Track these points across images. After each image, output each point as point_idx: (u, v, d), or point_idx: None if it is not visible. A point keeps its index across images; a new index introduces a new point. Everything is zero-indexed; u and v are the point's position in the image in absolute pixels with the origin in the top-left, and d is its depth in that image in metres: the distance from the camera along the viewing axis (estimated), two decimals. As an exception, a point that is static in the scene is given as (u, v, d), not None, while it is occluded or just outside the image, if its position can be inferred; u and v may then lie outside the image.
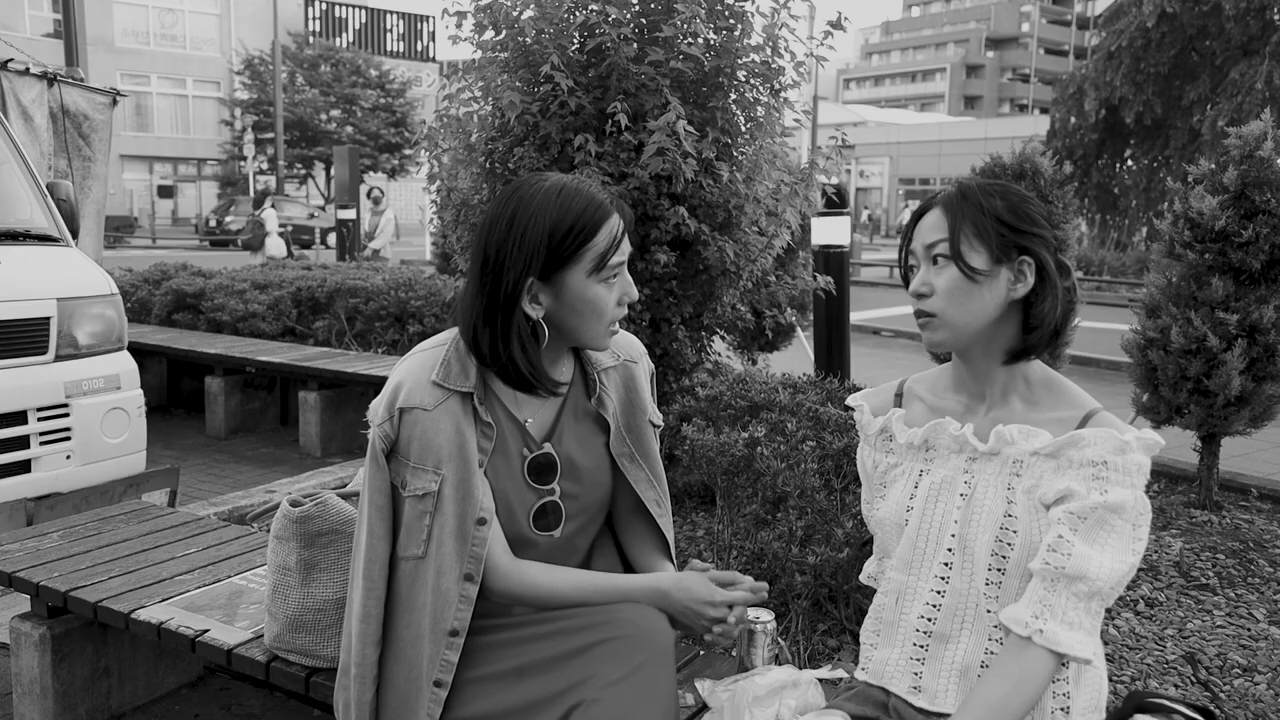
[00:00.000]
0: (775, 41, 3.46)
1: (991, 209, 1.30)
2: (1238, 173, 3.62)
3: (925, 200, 1.39)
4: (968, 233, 1.29)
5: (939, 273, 1.31)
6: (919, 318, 1.35)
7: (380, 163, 29.92)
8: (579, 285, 1.38)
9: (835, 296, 4.29)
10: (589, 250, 1.37)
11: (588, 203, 1.38)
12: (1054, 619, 1.21)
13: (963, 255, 1.28)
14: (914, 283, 1.34)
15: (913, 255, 1.36)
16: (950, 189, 1.35)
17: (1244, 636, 2.85)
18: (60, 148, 5.71)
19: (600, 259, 1.37)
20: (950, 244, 1.29)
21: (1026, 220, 1.30)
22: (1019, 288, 1.30)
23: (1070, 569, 1.21)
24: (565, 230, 1.35)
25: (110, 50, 28.96)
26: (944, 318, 1.31)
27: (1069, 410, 1.31)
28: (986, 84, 74.97)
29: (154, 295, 6.76)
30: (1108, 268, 17.23)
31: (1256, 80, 14.10)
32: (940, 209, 1.33)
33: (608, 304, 1.40)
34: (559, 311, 1.40)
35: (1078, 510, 1.23)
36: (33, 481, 3.42)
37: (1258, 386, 3.71)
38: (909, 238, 1.37)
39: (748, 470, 2.61)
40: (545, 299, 1.39)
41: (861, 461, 1.53)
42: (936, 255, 1.31)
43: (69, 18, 7.97)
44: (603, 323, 1.41)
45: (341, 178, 13.86)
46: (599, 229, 1.37)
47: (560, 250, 1.36)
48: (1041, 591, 1.22)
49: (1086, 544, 1.21)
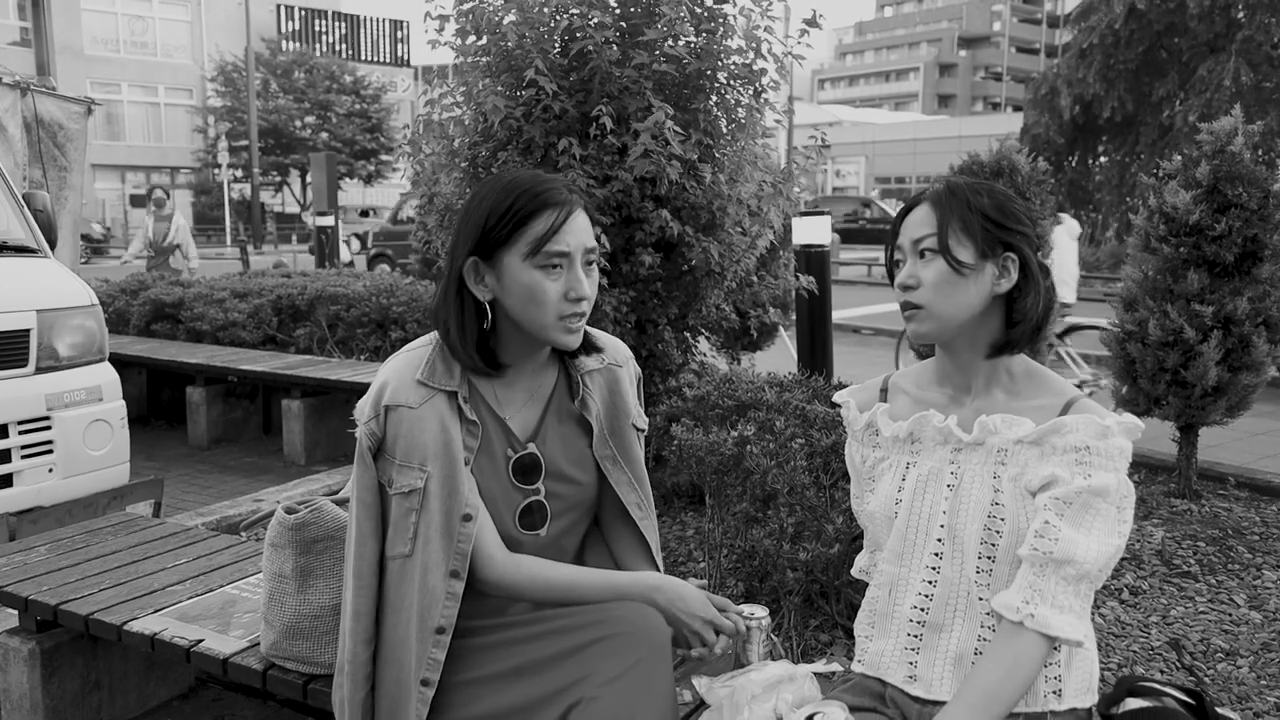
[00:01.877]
0: (756, 44, 3.48)
1: (978, 205, 1.33)
2: (1210, 168, 3.68)
3: (912, 197, 1.41)
4: (955, 228, 1.32)
5: (926, 266, 1.33)
6: (905, 310, 1.37)
7: (356, 169, 29.74)
8: (515, 268, 1.39)
9: (817, 295, 4.32)
10: (525, 232, 1.38)
11: (530, 188, 1.40)
12: (1044, 603, 1.23)
13: (950, 249, 1.31)
14: (900, 275, 1.36)
15: (899, 250, 1.38)
16: (938, 186, 1.37)
17: (1226, 621, 2.90)
18: (35, 158, 5.65)
19: (536, 243, 1.38)
20: (939, 238, 1.32)
21: (1012, 218, 1.33)
22: (1003, 283, 1.33)
23: (1058, 553, 1.23)
24: (503, 210, 1.39)
25: (79, 58, 28.60)
26: (930, 309, 1.33)
27: (1051, 398, 1.34)
28: (959, 83, 75.60)
29: (132, 305, 6.68)
30: (1082, 262, 17.41)
31: (1224, 77, 14.29)
32: (929, 205, 1.35)
33: (547, 292, 1.39)
34: (504, 296, 1.42)
35: (1063, 495, 1.25)
36: (14, 496, 3.38)
37: (1233, 377, 3.77)
38: (895, 233, 1.40)
39: (737, 469, 2.62)
40: (490, 281, 1.42)
41: (849, 457, 1.55)
42: (924, 249, 1.34)
43: (39, 25, 7.85)
44: (546, 313, 1.41)
45: (319, 184, 13.78)
46: (538, 213, 1.39)
47: (497, 229, 1.39)
48: (1031, 577, 1.25)
49: (1073, 528, 1.24)
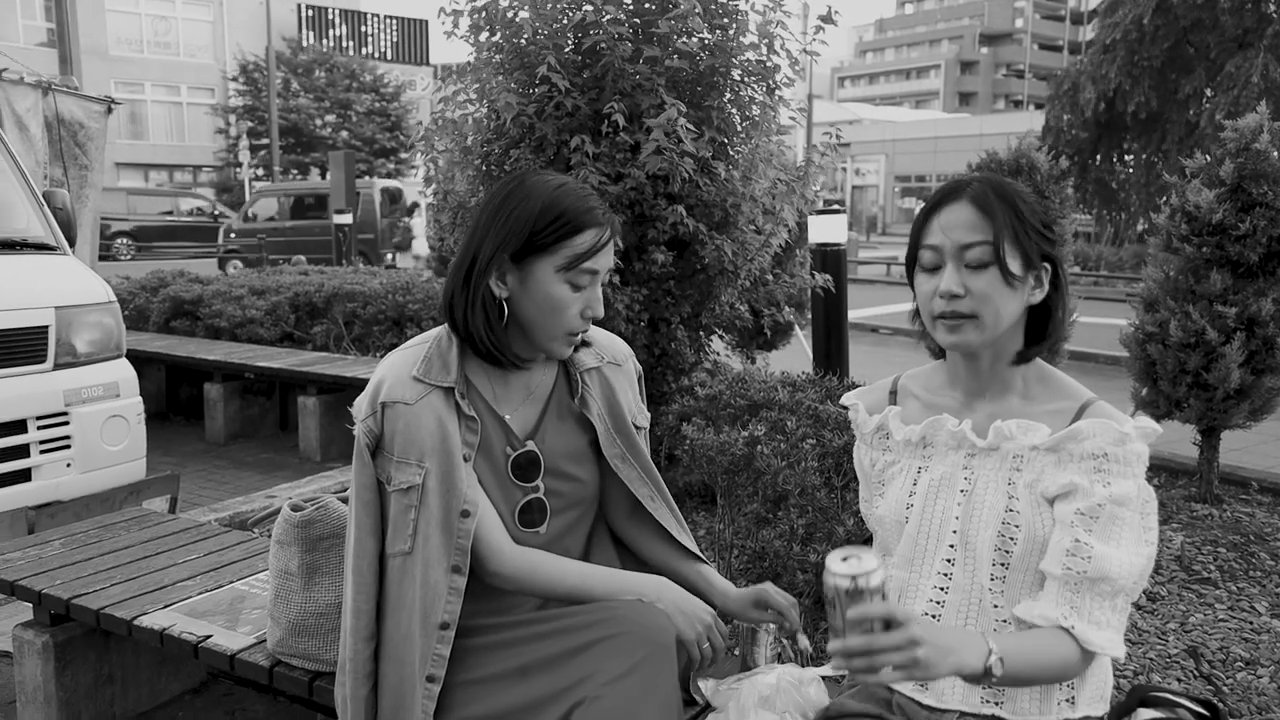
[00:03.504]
0: (771, 40, 3.46)
1: (1029, 213, 1.27)
2: (1234, 166, 3.62)
3: (944, 190, 1.31)
4: (1008, 237, 1.26)
5: (975, 275, 1.26)
6: (948, 319, 1.28)
7: (375, 167, 29.89)
8: (546, 277, 1.40)
9: (833, 294, 4.29)
10: (567, 246, 1.39)
11: (582, 202, 1.41)
12: (1082, 619, 1.21)
13: (1005, 260, 1.25)
14: (945, 282, 1.27)
15: (935, 251, 1.29)
16: (977, 184, 1.29)
17: (1246, 630, 2.85)
18: (55, 156, 5.71)
19: (574, 259, 1.39)
20: (994, 248, 1.25)
21: (1050, 227, 1.30)
22: (1036, 293, 1.30)
23: (1092, 571, 1.21)
24: (552, 218, 1.38)
25: (104, 58, 28.89)
26: (983, 320, 1.27)
27: (1065, 402, 1.31)
28: (981, 80, 75.00)
29: (152, 302, 6.75)
30: (1105, 262, 17.24)
31: (1252, 73, 14.10)
32: (973, 207, 1.27)
33: (568, 307, 1.41)
34: (521, 299, 1.42)
35: (1087, 509, 1.23)
36: (33, 490, 3.41)
37: (1257, 379, 3.71)
38: (923, 228, 1.31)
39: (748, 469, 2.60)
40: (511, 281, 1.42)
41: (859, 460, 1.53)
42: (975, 257, 1.26)
43: (63, 26, 7.95)
44: (559, 326, 1.42)
45: (337, 182, 13.86)
46: (584, 230, 1.39)
47: (541, 235, 1.39)
48: (1068, 594, 1.23)
49: (1103, 543, 1.22)
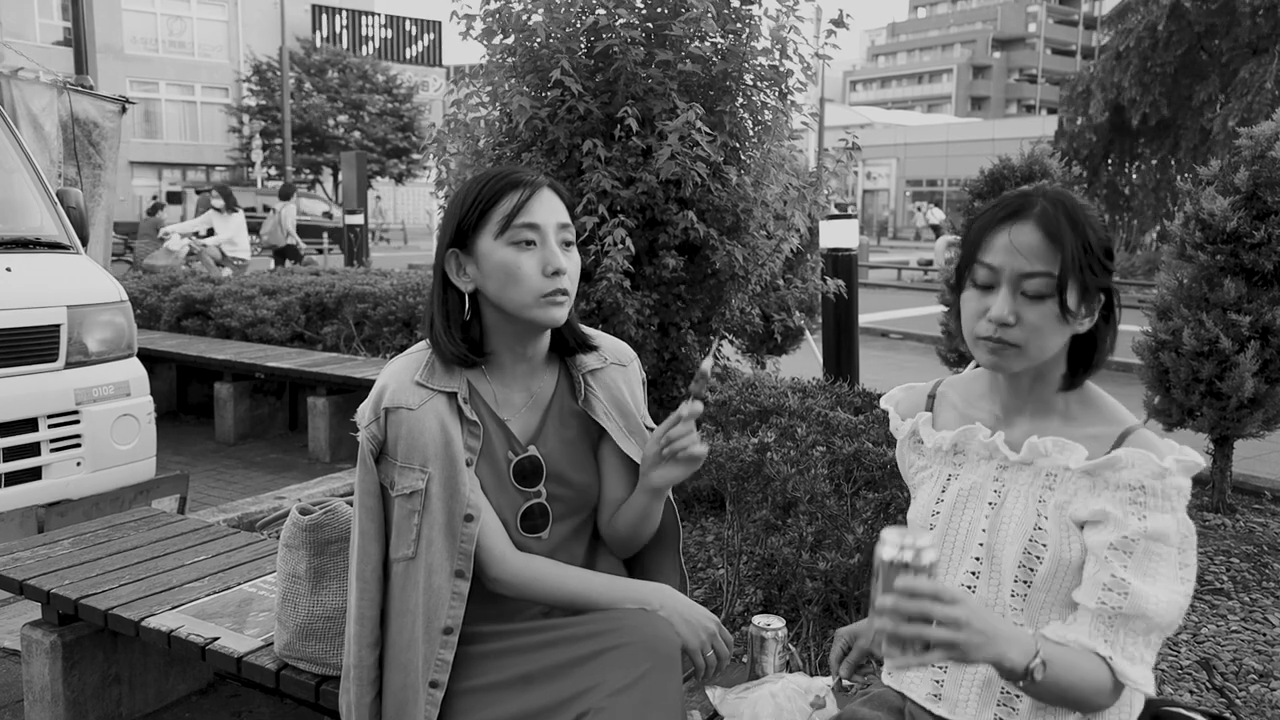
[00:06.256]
0: (784, 45, 3.45)
1: (1096, 244, 1.21)
2: (1249, 173, 3.59)
3: (1012, 209, 1.23)
4: (1074, 271, 1.20)
5: (1030, 306, 1.20)
6: (991, 343, 1.23)
7: (388, 168, 29.99)
8: (489, 249, 1.43)
9: (844, 299, 4.28)
10: (494, 212, 1.43)
11: (496, 174, 1.47)
12: (1118, 654, 1.19)
13: (1065, 296, 1.20)
14: (997, 308, 1.21)
15: (990, 270, 1.22)
16: (1045, 203, 1.21)
17: (1259, 641, 2.82)
18: (70, 155, 5.74)
19: (504, 220, 1.42)
20: (1057, 282, 1.19)
21: (1109, 257, 1.25)
22: (1085, 322, 1.25)
23: (1128, 608, 1.18)
24: (474, 196, 1.45)
25: (120, 57, 29.09)
26: (1027, 350, 1.23)
27: (1106, 426, 1.27)
28: (993, 85, 74.80)
29: (163, 301, 6.79)
30: (1118, 269, 17.14)
31: (1266, 80, 14.00)
32: (1043, 234, 1.20)
33: (522, 268, 1.41)
34: (483, 281, 1.45)
35: (1121, 545, 1.19)
36: (44, 488, 3.43)
37: (1271, 388, 3.67)
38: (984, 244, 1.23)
39: (757, 476, 2.59)
40: (471, 270, 1.45)
41: (899, 459, 1.52)
42: (1034, 288, 1.20)
43: (79, 26, 7.99)
44: (525, 290, 1.42)
45: (349, 183, 13.92)
46: (503, 194, 1.44)
47: (467, 216, 1.44)
48: (1102, 628, 1.20)
49: (1139, 579, 1.18)
